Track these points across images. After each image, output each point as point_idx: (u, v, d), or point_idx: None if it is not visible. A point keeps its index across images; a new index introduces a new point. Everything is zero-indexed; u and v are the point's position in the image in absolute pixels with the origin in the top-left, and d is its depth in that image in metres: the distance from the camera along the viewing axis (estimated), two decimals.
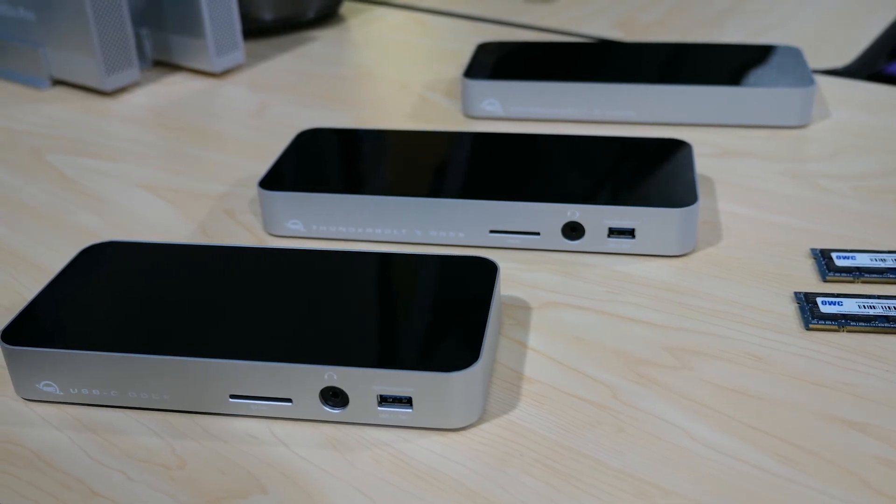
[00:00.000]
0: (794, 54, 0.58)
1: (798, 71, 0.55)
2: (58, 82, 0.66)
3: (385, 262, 0.38)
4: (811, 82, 0.53)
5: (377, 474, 0.30)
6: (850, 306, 0.37)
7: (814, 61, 0.62)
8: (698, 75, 0.55)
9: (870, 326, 0.36)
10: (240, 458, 0.31)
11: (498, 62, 0.60)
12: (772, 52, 0.58)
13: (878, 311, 0.36)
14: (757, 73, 0.55)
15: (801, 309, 0.37)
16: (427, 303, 0.35)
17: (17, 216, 0.48)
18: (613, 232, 0.41)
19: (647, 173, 0.44)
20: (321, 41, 0.75)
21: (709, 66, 0.57)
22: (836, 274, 0.39)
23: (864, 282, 0.39)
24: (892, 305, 0.36)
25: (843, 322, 0.36)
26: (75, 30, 0.61)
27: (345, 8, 0.83)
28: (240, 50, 0.67)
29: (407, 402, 0.32)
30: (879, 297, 0.37)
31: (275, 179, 0.45)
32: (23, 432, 0.33)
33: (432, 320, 0.34)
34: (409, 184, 0.44)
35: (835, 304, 0.37)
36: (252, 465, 0.31)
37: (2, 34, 0.67)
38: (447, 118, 0.58)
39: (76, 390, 0.33)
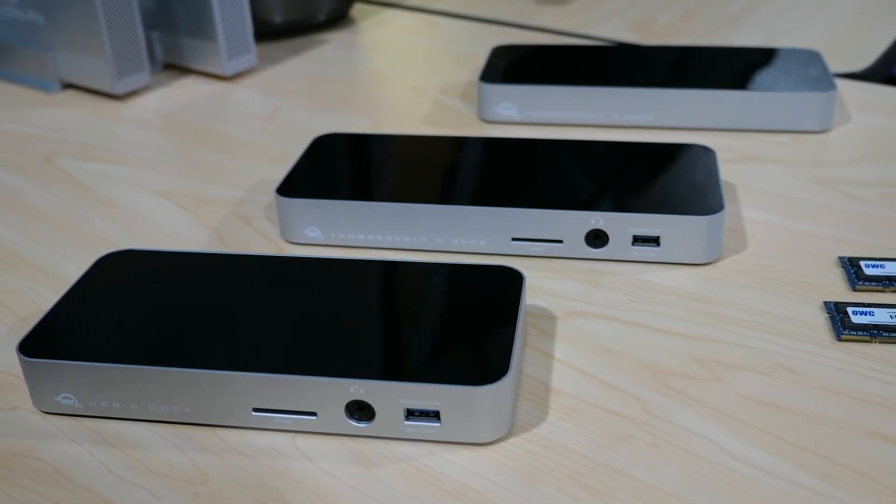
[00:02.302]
0: (814, 57, 0.57)
1: (819, 74, 0.54)
2: (67, 86, 0.66)
3: (408, 271, 0.37)
4: (832, 86, 0.53)
5: (404, 489, 0.30)
6: (881, 316, 0.36)
7: (831, 65, 0.61)
8: (718, 79, 0.55)
9: None
10: (263, 472, 0.31)
11: (514, 66, 0.59)
12: (791, 55, 0.58)
13: None
14: (777, 77, 0.54)
15: (832, 319, 0.36)
16: (453, 313, 0.34)
17: (30, 222, 0.48)
18: (638, 240, 0.41)
19: (670, 179, 0.43)
20: (332, 44, 0.74)
21: (728, 69, 0.57)
22: (866, 283, 0.38)
23: (893, 291, 0.38)
24: None
25: (876, 333, 0.35)
26: (86, 33, 0.61)
27: (355, 10, 0.83)
28: (252, 53, 0.67)
29: (434, 415, 0.31)
30: None
31: (292, 186, 0.44)
32: (41, 446, 0.32)
33: (459, 332, 0.33)
34: (430, 190, 0.44)
35: (866, 315, 0.36)
36: (276, 480, 0.30)
37: (11, 37, 0.67)
38: (463, 122, 0.57)
39: (95, 403, 0.33)
